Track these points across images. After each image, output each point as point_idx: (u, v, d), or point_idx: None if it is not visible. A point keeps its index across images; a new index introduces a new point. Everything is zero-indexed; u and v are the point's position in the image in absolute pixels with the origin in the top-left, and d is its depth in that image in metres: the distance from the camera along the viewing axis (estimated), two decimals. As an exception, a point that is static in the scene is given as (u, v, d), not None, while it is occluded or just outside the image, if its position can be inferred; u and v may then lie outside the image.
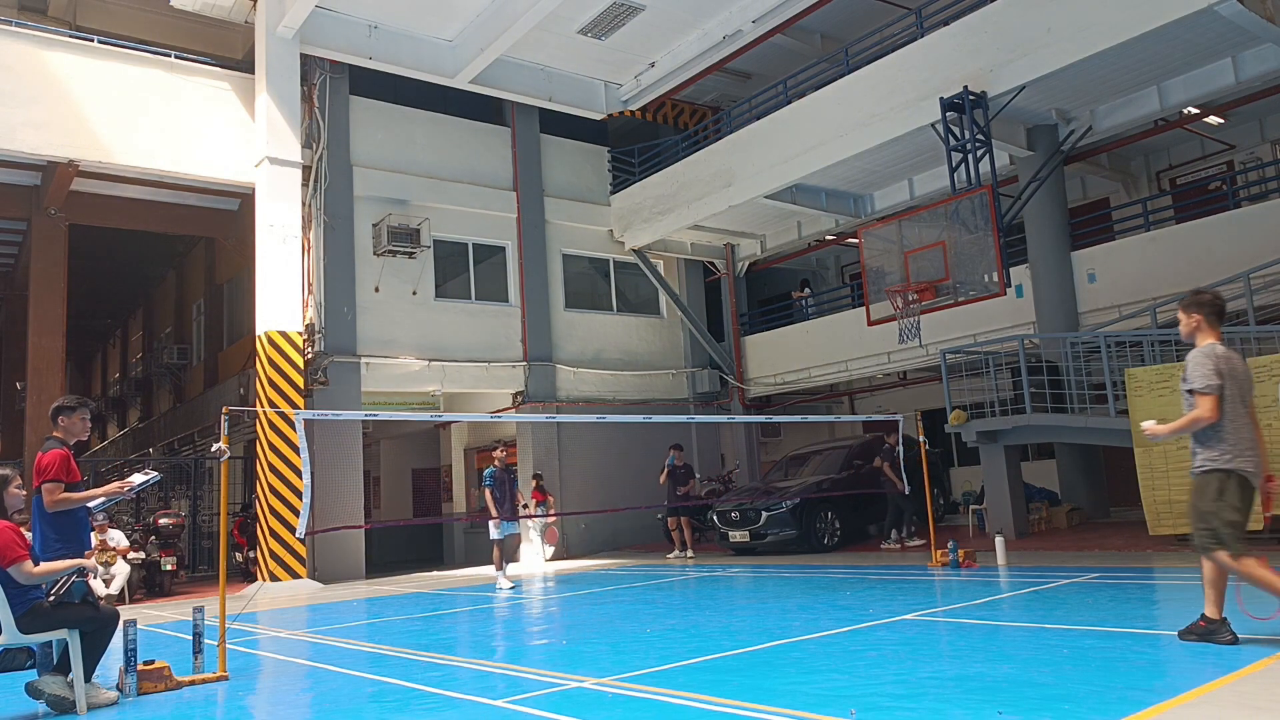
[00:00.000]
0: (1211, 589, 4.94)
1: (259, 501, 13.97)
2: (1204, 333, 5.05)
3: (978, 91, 12.16)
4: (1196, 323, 5.07)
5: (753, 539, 13.48)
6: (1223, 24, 10.73)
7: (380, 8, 14.76)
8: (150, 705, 5.43)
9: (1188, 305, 5.10)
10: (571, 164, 18.55)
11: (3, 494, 5.23)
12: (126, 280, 26.32)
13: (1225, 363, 4.89)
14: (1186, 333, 5.16)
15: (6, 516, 5.21)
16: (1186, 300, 5.13)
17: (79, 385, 35.94)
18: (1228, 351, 4.97)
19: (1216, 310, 5.06)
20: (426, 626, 8.60)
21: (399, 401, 16.82)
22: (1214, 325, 5.05)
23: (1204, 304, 5.05)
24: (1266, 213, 12.47)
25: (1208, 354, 4.92)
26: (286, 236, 14.15)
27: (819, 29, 17.21)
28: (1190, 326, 5.11)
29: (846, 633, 6.28)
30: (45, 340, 15.72)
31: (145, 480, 6.48)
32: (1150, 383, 10.13)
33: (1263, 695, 3.98)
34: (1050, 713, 3.86)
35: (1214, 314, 5.05)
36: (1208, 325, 5.05)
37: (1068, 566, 9.31)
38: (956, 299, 12.29)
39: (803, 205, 16.58)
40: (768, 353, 18.99)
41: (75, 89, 13.49)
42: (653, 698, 4.69)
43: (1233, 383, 4.89)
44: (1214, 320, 5.05)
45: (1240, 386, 4.93)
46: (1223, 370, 4.86)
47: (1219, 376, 4.84)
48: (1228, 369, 4.88)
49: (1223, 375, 4.85)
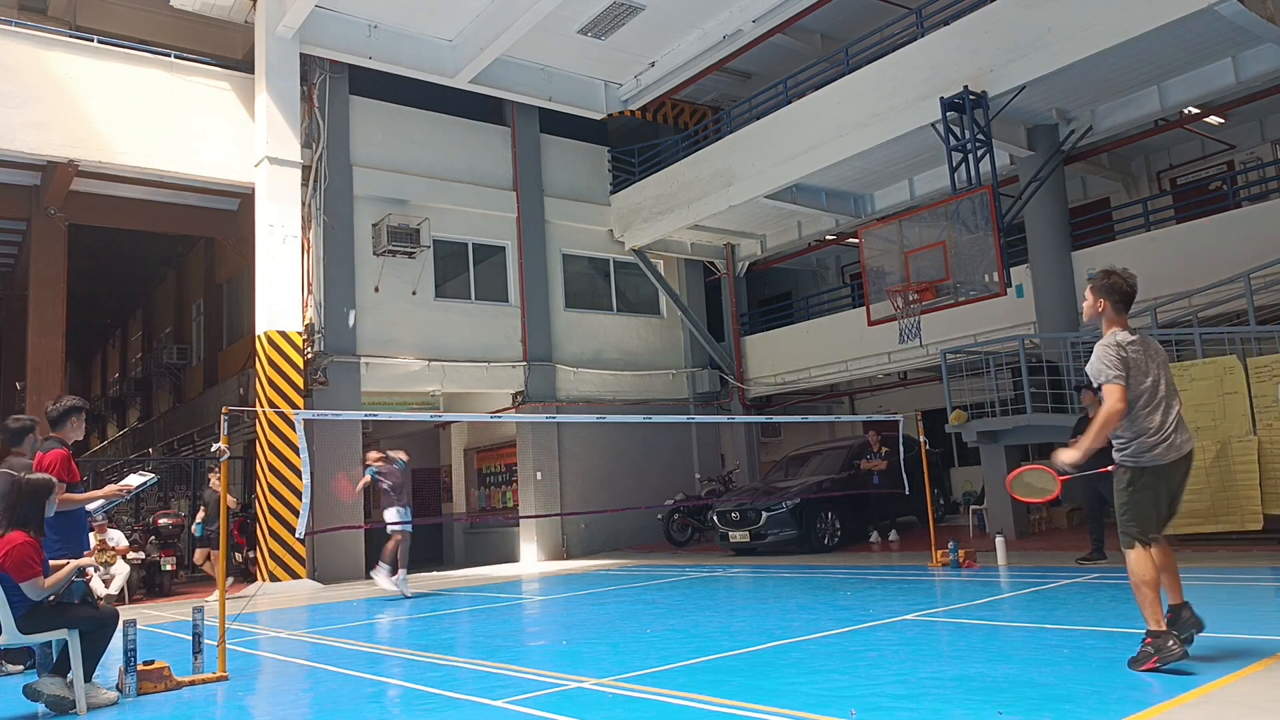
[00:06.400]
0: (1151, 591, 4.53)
1: (259, 501, 13.97)
2: (1108, 320, 4.70)
3: (978, 91, 12.15)
4: (1102, 307, 4.70)
5: (753, 539, 13.47)
6: (1223, 24, 10.72)
7: (380, 7, 14.76)
8: (150, 705, 5.43)
9: (1096, 288, 4.70)
10: (571, 164, 18.54)
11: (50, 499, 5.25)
12: (126, 280, 26.33)
13: (1131, 350, 4.57)
14: (1089, 316, 4.80)
15: (43, 522, 5.21)
16: (1095, 281, 4.71)
17: (79, 385, 35.92)
18: (1134, 337, 4.63)
19: (1124, 295, 4.67)
20: (426, 626, 8.59)
21: (399, 401, 16.82)
22: (1119, 313, 4.68)
23: (1112, 289, 4.66)
24: (1266, 213, 12.46)
25: (1108, 344, 4.59)
26: (286, 236, 14.14)
27: (819, 29, 17.20)
28: (1093, 311, 4.75)
29: (847, 633, 6.28)
30: (45, 340, 15.71)
31: (144, 482, 6.49)
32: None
33: (1263, 695, 3.98)
34: (1050, 713, 3.86)
35: (1120, 300, 4.67)
36: (1113, 312, 4.68)
37: (1068, 567, 9.31)
38: (957, 299, 12.29)
39: (803, 205, 16.57)
40: (768, 353, 18.99)
41: (75, 89, 13.48)
42: (653, 698, 4.68)
43: (1138, 372, 4.57)
44: (1119, 307, 4.67)
45: (1151, 374, 4.61)
46: (1128, 359, 4.54)
47: (1123, 365, 4.51)
48: (1133, 357, 4.57)
49: (1128, 365, 4.53)
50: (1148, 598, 4.50)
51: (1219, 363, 9.82)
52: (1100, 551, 9.43)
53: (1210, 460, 9.39)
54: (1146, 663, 4.45)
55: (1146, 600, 4.50)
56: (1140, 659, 4.50)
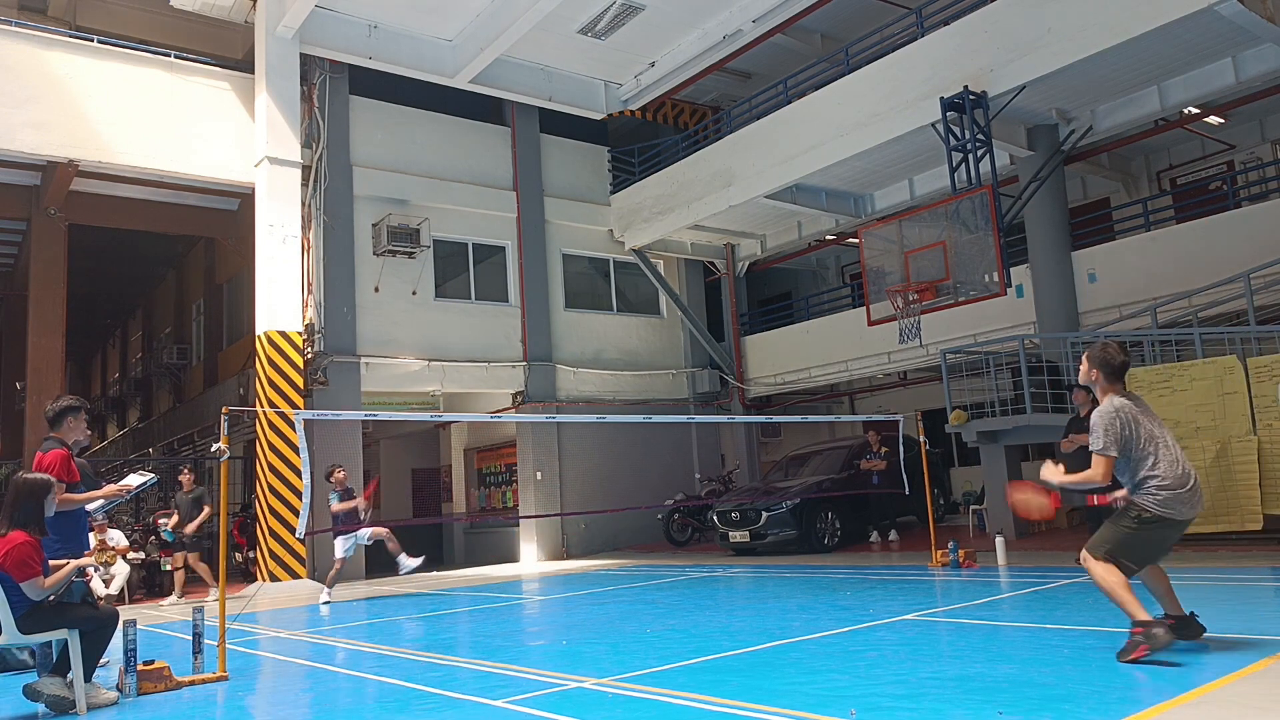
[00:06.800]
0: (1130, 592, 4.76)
1: (259, 501, 13.97)
2: (1102, 388, 4.99)
3: (978, 91, 12.15)
4: (1095, 377, 5.00)
5: (753, 539, 13.47)
6: (1223, 24, 10.72)
7: (380, 7, 14.76)
8: (150, 705, 5.43)
9: (1090, 357, 5.02)
10: (571, 164, 18.54)
11: (48, 499, 5.25)
12: (126, 280, 26.30)
13: (1126, 414, 4.81)
14: (1083, 380, 5.14)
15: (43, 522, 5.21)
16: (1091, 351, 5.03)
17: (79, 385, 35.91)
18: (1126, 403, 4.88)
19: (1113, 369, 4.95)
20: (426, 627, 8.60)
21: (399, 401, 16.82)
22: (1111, 382, 4.96)
23: (1104, 362, 4.96)
24: (1266, 213, 12.46)
25: (1107, 410, 4.84)
26: (286, 236, 14.14)
27: (819, 29, 17.20)
28: (1087, 378, 5.07)
29: (847, 633, 6.28)
30: (45, 340, 15.69)
31: (144, 482, 6.50)
32: (1150, 383, 10.12)
33: (1263, 695, 3.98)
34: (1050, 713, 3.86)
35: (1112, 372, 4.95)
36: (1105, 381, 4.97)
37: (1068, 567, 9.29)
38: (957, 299, 12.28)
39: (803, 205, 16.57)
40: (768, 353, 18.99)
41: (75, 89, 13.48)
42: (653, 698, 4.69)
43: (1138, 431, 4.80)
44: (1111, 377, 4.96)
45: (1150, 430, 4.84)
46: (1126, 424, 4.78)
47: (1118, 437, 4.75)
48: (1130, 420, 4.81)
49: (1125, 432, 4.77)
50: (1122, 596, 4.64)
51: (1219, 363, 9.82)
52: None
53: (1210, 460, 9.39)
54: (1134, 652, 4.53)
55: (1123, 599, 4.65)
56: (1128, 649, 4.59)
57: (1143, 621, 4.57)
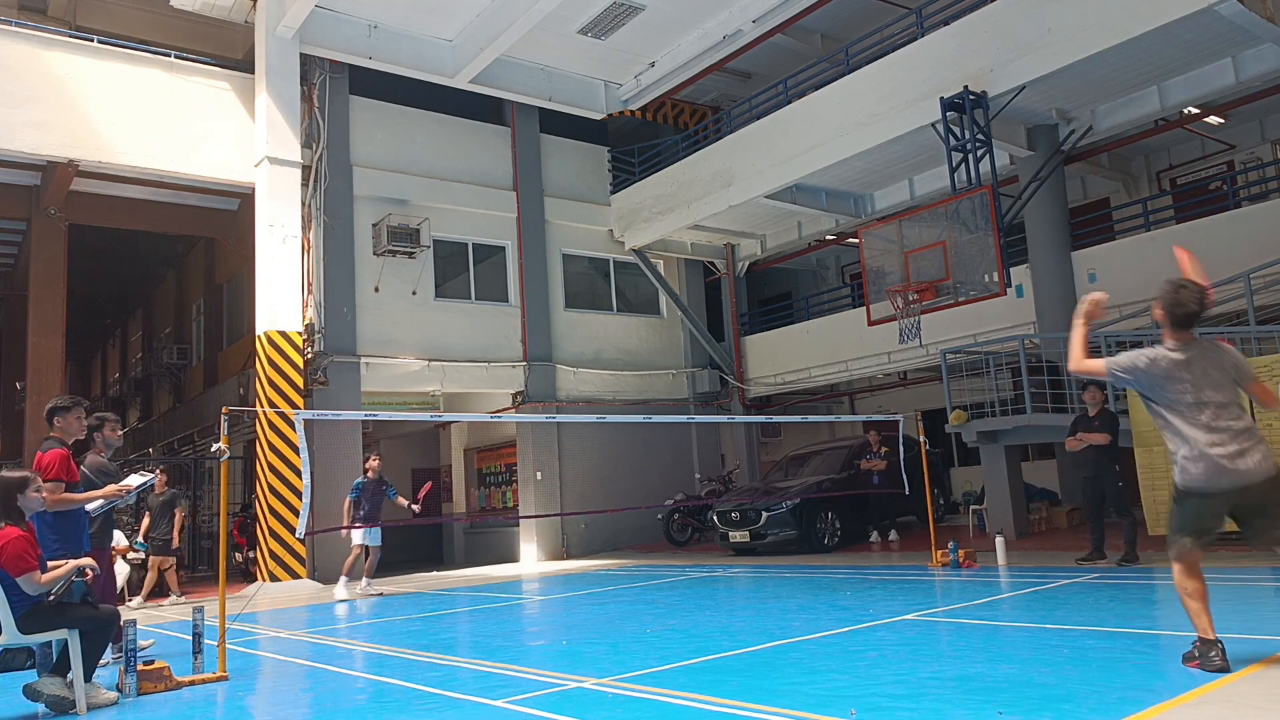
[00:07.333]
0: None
1: (259, 501, 13.97)
2: (1164, 332, 4.61)
3: (978, 91, 12.15)
4: (1161, 317, 4.59)
5: (753, 539, 13.47)
6: (1223, 24, 10.73)
7: (380, 7, 14.76)
8: (150, 705, 5.43)
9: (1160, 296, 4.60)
10: (571, 164, 18.54)
11: (21, 496, 5.22)
12: (126, 280, 26.31)
13: (1163, 363, 4.52)
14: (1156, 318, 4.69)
15: (22, 520, 5.21)
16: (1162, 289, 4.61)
17: (79, 385, 35.90)
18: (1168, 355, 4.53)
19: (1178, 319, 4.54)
20: (426, 626, 8.59)
21: (399, 401, 16.83)
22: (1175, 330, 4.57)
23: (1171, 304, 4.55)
24: (1266, 213, 12.46)
25: (1145, 350, 4.59)
26: (286, 236, 14.14)
27: (819, 29, 17.20)
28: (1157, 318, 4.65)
29: (846, 633, 6.28)
30: (45, 340, 15.70)
31: (144, 482, 6.50)
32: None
33: (1263, 695, 3.98)
34: (1050, 713, 3.86)
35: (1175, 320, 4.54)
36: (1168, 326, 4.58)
37: (1068, 567, 9.31)
38: (956, 299, 12.29)
39: (803, 205, 16.57)
40: (768, 353, 18.99)
41: (75, 89, 13.48)
42: (653, 698, 4.69)
43: (1165, 381, 4.50)
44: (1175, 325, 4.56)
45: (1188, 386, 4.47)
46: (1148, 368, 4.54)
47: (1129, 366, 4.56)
48: (1162, 372, 4.52)
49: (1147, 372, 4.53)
50: (1190, 607, 4.51)
51: (1219, 363, 9.79)
52: (1100, 552, 9.43)
53: (1210, 460, 9.36)
54: (1190, 662, 4.51)
55: (1191, 610, 4.52)
56: (1188, 657, 4.56)
57: (1204, 640, 4.44)
